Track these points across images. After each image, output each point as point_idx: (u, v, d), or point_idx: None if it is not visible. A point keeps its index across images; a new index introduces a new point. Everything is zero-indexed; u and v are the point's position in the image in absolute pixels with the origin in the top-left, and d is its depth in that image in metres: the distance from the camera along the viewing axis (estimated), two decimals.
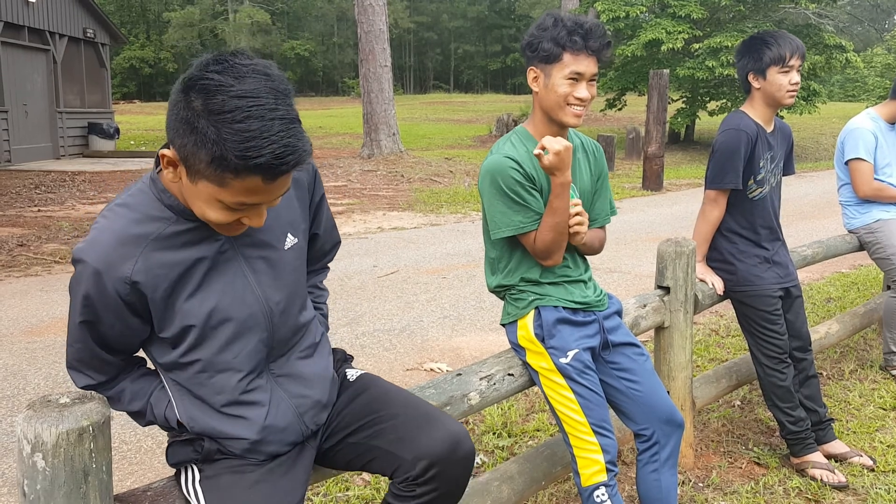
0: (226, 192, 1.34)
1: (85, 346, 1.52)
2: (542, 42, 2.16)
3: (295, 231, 1.64)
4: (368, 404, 1.72)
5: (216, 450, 1.58)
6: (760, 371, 3.12)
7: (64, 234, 8.54)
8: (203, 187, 1.35)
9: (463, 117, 31.13)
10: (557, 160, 2.10)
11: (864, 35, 52.04)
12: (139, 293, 1.45)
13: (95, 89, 19.01)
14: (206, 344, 1.52)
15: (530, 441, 3.43)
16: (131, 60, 55.42)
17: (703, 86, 20.74)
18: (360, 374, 1.81)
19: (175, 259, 1.47)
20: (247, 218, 1.41)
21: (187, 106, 1.30)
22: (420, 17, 66.01)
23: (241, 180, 1.31)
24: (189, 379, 1.56)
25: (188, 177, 1.36)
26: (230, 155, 1.28)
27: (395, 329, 5.12)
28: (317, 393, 1.67)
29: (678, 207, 10.87)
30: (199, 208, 1.40)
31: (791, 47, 2.90)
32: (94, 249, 1.42)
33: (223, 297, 1.52)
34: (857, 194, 4.09)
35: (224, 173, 1.30)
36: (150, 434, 3.53)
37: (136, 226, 1.45)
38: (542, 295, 2.29)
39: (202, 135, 1.28)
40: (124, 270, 1.43)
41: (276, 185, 1.34)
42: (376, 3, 16.63)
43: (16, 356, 4.58)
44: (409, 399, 1.74)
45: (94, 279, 1.43)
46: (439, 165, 16.20)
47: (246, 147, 1.27)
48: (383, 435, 1.67)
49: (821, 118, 25.80)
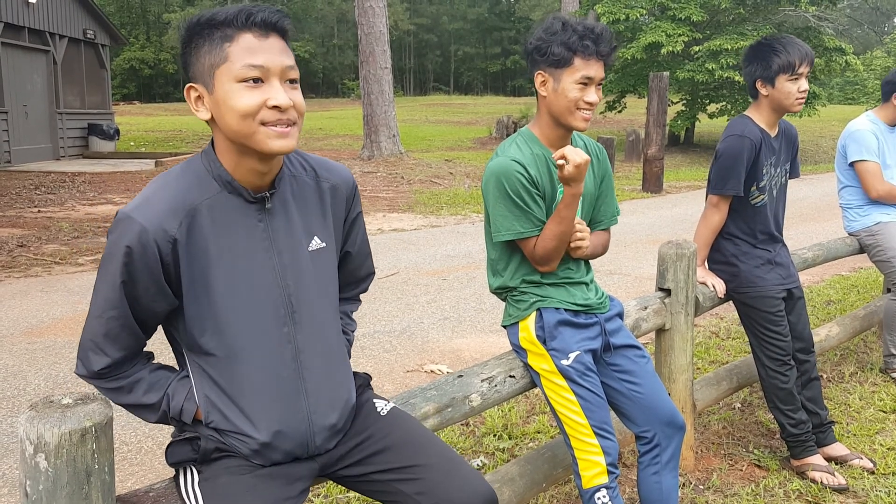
0: (233, 64, 1.46)
1: (119, 314, 1.51)
2: (551, 46, 2.15)
3: (322, 236, 1.68)
4: (400, 446, 1.70)
5: (214, 448, 1.57)
6: (763, 372, 3.12)
7: (64, 235, 8.54)
8: (219, 84, 1.47)
9: (463, 119, 31.14)
10: (577, 172, 2.10)
11: (864, 38, 52.10)
12: (176, 256, 1.50)
13: (95, 90, 19.01)
14: (226, 325, 1.55)
15: (531, 443, 3.43)
16: (131, 61, 55.46)
17: (702, 88, 20.76)
18: (392, 409, 1.80)
19: (215, 231, 1.53)
20: (270, 98, 1.47)
21: (183, 38, 1.52)
22: (420, 19, 66.09)
23: (236, 43, 1.46)
24: (211, 364, 1.57)
25: (209, 92, 1.50)
26: (217, 31, 1.48)
27: (396, 330, 5.12)
28: (334, 417, 1.67)
29: (678, 210, 10.88)
30: (229, 112, 1.47)
31: (800, 54, 2.88)
32: (140, 209, 1.48)
33: (250, 279, 1.56)
34: (870, 195, 4.06)
35: (222, 46, 1.47)
36: (151, 435, 3.52)
37: (183, 193, 1.52)
38: (544, 297, 2.29)
39: (199, 38, 1.49)
40: (169, 229, 1.48)
41: (269, 42, 1.48)
42: (376, 5, 16.64)
43: (16, 357, 4.58)
44: (441, 449, 1.72)
45: (138, 235, 1.46)
46: (439, 167, 16.21)
47: (227, 14, 1.48)
48: (411, 483, 1.66)
49: (821, 121, 25.80)
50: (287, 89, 1.49)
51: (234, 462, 1.58)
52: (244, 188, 1.56)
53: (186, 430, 1.61)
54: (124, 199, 11.44)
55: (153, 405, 1.59)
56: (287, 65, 1.49)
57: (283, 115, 1.48)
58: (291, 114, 1.49)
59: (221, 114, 1.49)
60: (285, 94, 1.47)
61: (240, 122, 1.47)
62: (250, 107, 1.46)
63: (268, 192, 1.59)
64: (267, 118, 1.47)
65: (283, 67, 1.48)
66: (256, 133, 1.47)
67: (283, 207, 1.62)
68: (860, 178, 4.07)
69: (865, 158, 4.02)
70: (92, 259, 7.40)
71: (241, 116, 1.46)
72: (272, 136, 1.48)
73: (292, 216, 1.63)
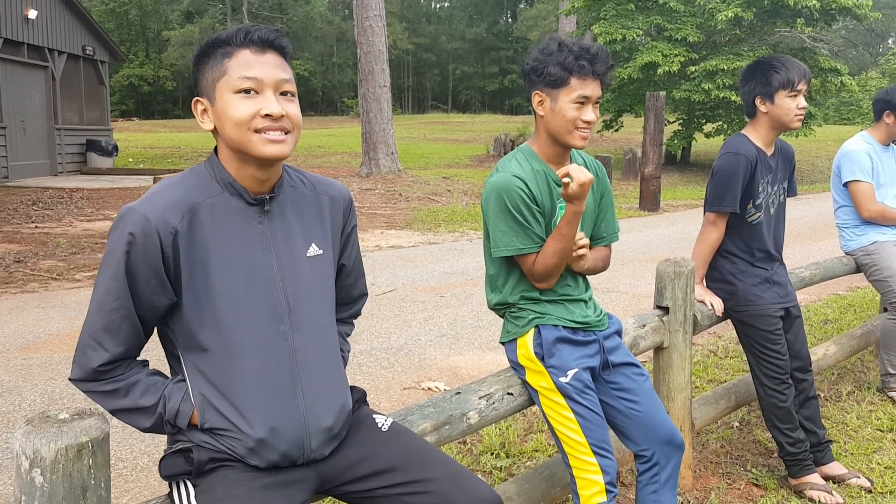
0: (231, 76, 1.56)
1: (121, 304, 1.55)
2: (548, 66, 2.18)
3: (320, 244, 1.73)
4: (406, 462, 1.71)
5: (208, 459, 1.57)
6: (761, 391, 3.12)
7: (61, 251, 8.53)
8: (220, 96, 1.57)
9: (461, 137, 31.23)
10: (580, 190, 2.11)
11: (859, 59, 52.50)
12: (177, 248, 1.55)
13: (94, 106, 19.07)
14: (224, 318, 1.58)
15: (528, 461, 3.41)
16: (130, 78, 55.57)
17: (699, 108, 20.86)
18: (392, 424, 1.81)
19: (216, 228, 1.59)
20: (263, 107, 1.55)
21: (195, 59, 1.62)
22: (419, 39, 66.44)
23: (234, 59, 1.57)
24: (207, 360, 1.59)
25: (211, 104, 1.60)
26: (220, 49, 1.59)
27: (393, 347, 5.10)
28: (330, 419, 1.67)
29: (675, 228, 10.90)
30: (227, 121, 1.57)
31: (799, 72, 2.93)
32: (144, 203, 1.56)
33: (248, 277, 1.60)
34: (862, 215, 4.08)
35: (223, 62, 1.57)
36: (146, 451, 3.50)
37: (186, 192, 1.60)
38: (542, 314, 2.29)
39: (206, 57, 1.60)
40: (171, 220, 1.55)
41: (265, 57, 1.58)
42: (376, 25, 16.74)
43: (11, 373, 4.56)
44: (445, 460, 1.75)
45: (141, 224, 1.53)
46: (437, 184, 16.25)
47: (228, 33, 1.59)
48: (421, 496, 1.67)
49: (816, 141, 25.93)
50: (281, 101, 1.58)
51: (231, 474, 1.58)
52: (245, 189, 1.63)
53: (179, 440, 1.61)
54: None
55: (149, 408, 1.59)
56: (281, 78, 1.59)
57: (275, 123, 1.56)
58: (285, 123, 1.57)
59: (221, 123, 1.59)
60: (278, 104, 1.57)
61: (235, 129, 1.56)
62: (244, 115, 1.55)
63: (267, 195, 1.66)
64: (259, 125, 1.56)
65: (276, 80, 1.58)
66: (250, 140, 1.57)
67: (282, 213, 1.68)
68: (853, 197, 4.09)
69: (859, 178, 4.04)
70: (89, 275, 7.38)
71: (236, 124, 1.56)
72: (265, 142, 1.56)
73: (290, 222, 1.69)
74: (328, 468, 1.69)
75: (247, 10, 57.24)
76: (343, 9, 66.52)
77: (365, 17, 16.69)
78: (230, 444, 1.58)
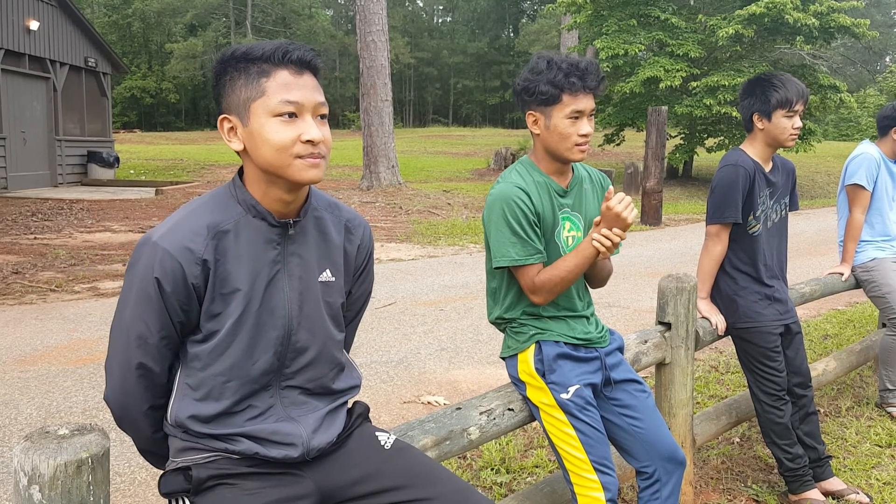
0: (270, 99, 1.52)
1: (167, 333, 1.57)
2: (538, 86, 2.18)
3: (333, 272, 1.72)
4: (410, 480, 1.71)
5: (207, 477, 1.56)
6: (759, 407, 3.11)
7: (60, 263, 8.52)
8: (255, 117, 1.53)
9: (461, 151, 31.30)
10: (624, 225, 2.11)
11: (858, 76, 52.66)
12: (206, 274, 1.55)
13: (96, 118, 19.11)
14: (232, 345, 1.58)
15: (529, 478, 3.39)
16: (133, 90, 55.74)
17: (700, 123, 20.93)
18: (395, 441, 1.81)
19: (237, 252, 1.58)
20: (304, 133, 1.53)
21: (217, 70, 1.57)
22: (421, 53, 66.74)
23: (273, 79, 1.52)
24: (201, 356, 1.59)
25: (243, 124, 1.55)
26: (254, 66, 1.54)
27: (392, 361, 5.09)
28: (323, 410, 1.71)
29: (677, 242, 10.90)
30: (264, 145, 1.53)
31: (797, 92, 2.95)
32: (165, 238, 1.53)
33: (262, 300, 1.60)
34: (849, 216, 4.12)
35: (259, 81, 1.53)
36: (144, 465, 3.48)
37: (208, 215, 1.58)
38: (544, 329, 2.28)
39: (234, 71, 1.55)
40: (196, 250, 1.54)
41: (303, 79, 1.54)
42: (378, 40, 16.82)
43: (8, 385, 4.54)
44: (449, 477, 1.74)
45: (163, 263, 1.52)
46: (438, 198, 16.26)
47: (264, 51, 1.54)
48: None
49: (816, 157, 26.00)
50: (318, 124, 1.56)
51: (230, 492, 1.56)
52: (269, 212, 1.61)
53: (177, 461, 1.61)
54: (123, 226, 11.44)
55: None
56: (319, 101, 1.56)
57: (314, 148, 1.54)
58: (322, 148, 1.55)
59: (256, 146, 1.54)
60: (318, 130, 1.55)
61: (275, 154, 1.53)
62: (285, 141, 1.52)
63: (292, 219, 1.64)
64: (301, 151, 1.53)
65: (315, 104, 1.55)
66: (291, 165, 1.53)
67: (304, 236, 1.67)
68: (849, 199, 4.11)
69: (860, 184, 4.05)
70: (88, 287, 7.37)
71: (277, 150, 1.52)
72: (305, 168, 1.54)
73: (309, 246, 1.68)
74: (330, 486, 1.68)
75: (250, 24, 57.53)
76: (346, 23, 66.89)
77: (368, 31, 16.78)
78: (228, 446, 1.60)
